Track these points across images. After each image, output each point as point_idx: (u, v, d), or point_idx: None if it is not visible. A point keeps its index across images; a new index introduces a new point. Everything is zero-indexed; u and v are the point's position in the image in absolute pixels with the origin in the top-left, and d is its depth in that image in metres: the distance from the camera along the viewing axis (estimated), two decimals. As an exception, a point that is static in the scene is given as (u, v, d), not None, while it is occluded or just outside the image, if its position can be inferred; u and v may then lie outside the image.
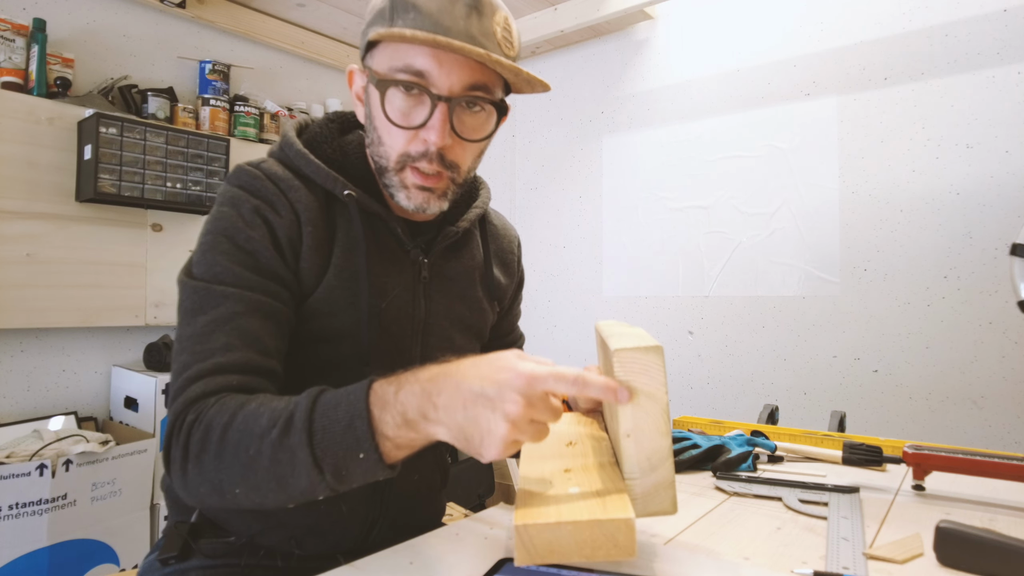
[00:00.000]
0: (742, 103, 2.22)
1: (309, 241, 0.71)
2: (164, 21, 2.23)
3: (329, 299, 0.72)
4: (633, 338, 0.55)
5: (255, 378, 0.64)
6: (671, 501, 0.52)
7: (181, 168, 1.99)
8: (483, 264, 0.89)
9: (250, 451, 0.56)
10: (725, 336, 2.23)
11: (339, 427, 0.54)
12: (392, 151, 0.71)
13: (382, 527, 0.80)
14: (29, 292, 1.79)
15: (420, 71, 0.67)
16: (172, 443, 0.61)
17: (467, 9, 0.67)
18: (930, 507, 0.79)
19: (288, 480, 0.56)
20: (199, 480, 0.59)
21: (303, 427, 0.55)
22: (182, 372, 0.63)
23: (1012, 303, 1.66)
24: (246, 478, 0.57)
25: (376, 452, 0.54)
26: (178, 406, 0.62)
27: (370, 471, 0.55)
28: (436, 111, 0.68)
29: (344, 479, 0.55)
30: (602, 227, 2.59)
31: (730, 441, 1.03)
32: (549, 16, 2.45)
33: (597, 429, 0.71)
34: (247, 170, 0.72)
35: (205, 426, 0.59)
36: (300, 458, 0.55)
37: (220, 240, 0.68)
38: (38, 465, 1.57)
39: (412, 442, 0.55)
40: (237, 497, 0.58)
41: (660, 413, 0.51)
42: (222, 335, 0.64)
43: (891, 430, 1.87)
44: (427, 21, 0.66)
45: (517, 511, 0.47)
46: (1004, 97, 1.75)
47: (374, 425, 0.54)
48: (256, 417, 0.57)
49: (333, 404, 0.56)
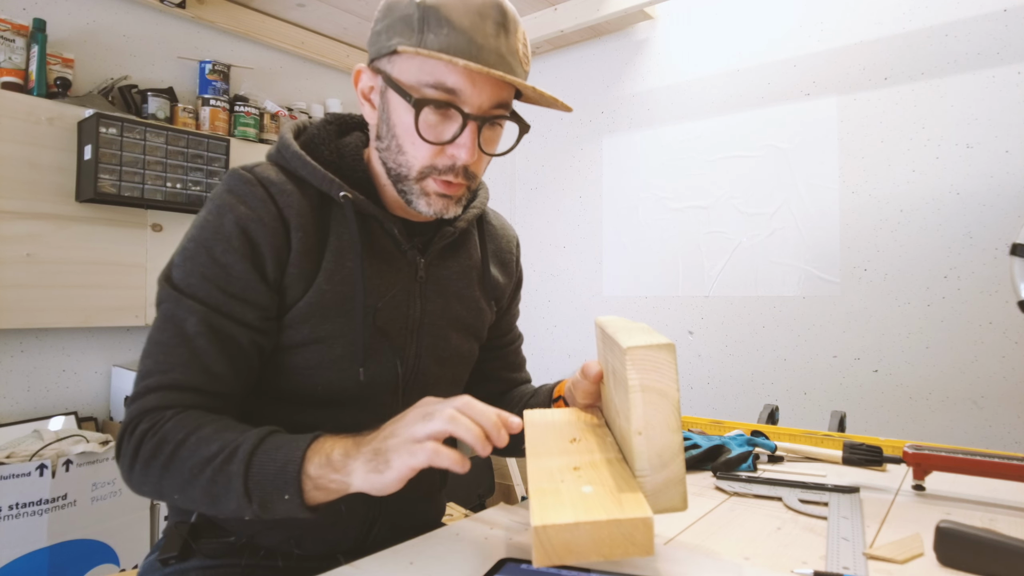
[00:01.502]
0: (742, 103, 2.22)
1: (298, 247, 0.71)
2: (164, 21, 2.23)
3: (320, 302, 0.72)
4: (643, 335, 0.55)
5: (210, 399, 0.69)
6: (681, 497, 0.52)
7: (181, 168, 1.99)
8: (481, 264, 0.89)
9: (194, 470, 0.62)
10: (725, 336, 2.23)
11: (273, 467, 0.60)
12: (416, 162, 0.71)
13: (382, 527, 0.80)
14: (29, 292, 1.79)
15: (452, 89, 0.67)
16: (124, 441, 0.67)
17: (496, 27, 0.68)
18: (930, 507, 0.79)
19: (220, 500, 0.62)
20: (143, 480, 0.66)
21: (243, 460, 0.61)
22: (145, 377, 0.68)
23: (1012, 303, 1.66)
24: (185, 490, 0.64)
25: (299, 496, 0.60)
26: (134, 410, 0.67)
27: (292, 510, 0.61)
28: (467, 130, 0.69)
29: (268, 511, 0.62)
30: (602, 227, 2.59)
31: (730, 441, 1.03)
32: (549, 16, 2.45)
33: (597, 424, 0.71)
34: (240, 174, 0.72)
35: (160, 438, 0.64)
36: (234, 486, 0.61)
37: (199, 250, 0.70)
38: (38, 465, 1.57)
39: (330, 483, 0.60)
40: (175, 501, 0.66)
41: (671, 410, 0.51)
42: (184, 351, 0.68)
43: (891, 430, 1.87)
44: (461, 39, 0.66)
45: (533, 512, 0.47)
46: (1004, 97, 1.75)
47: (304, 468, 0.60)
48: (208, 442, 0.63)
49: (275, 446, 0.62)
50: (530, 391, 0.96)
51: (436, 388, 0.85)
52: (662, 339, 0.53)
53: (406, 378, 0.80)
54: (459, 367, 0.88)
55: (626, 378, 0.51)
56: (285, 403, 0.76)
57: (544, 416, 0.74)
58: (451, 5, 0.66)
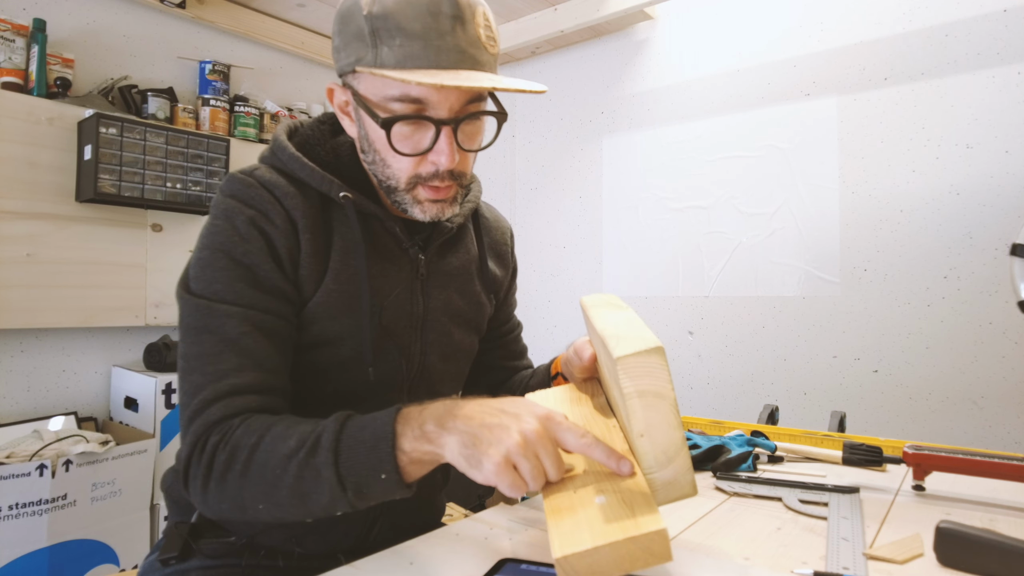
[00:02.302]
0: (742, 103, 2.21)
1: (307, 248, 0.71)
2: (164, 21, 2.23)
3: (328, 303, 0.72)
4: (633, 339, 0.55)
5: (270, 397, 0.66)
6: (691, 484, 0.53)
7: (181, 168, 1.99)
8: (478, 258, 0.89)
9: (276, 470, 0.59)
10: (725, 336, 2.23)
11: (364, 448, 0.57)
12: (401, 174, 0.71)
13: (382, 527, 0.81)
14: (29, 292, 1.79)
15: (418, 99, 0.66)
16: (192, 463, 0.63)
17: (451, 21, 0.64)
18: (930, 507, 0.79)
19: (311, 497, 0.59)
20: (220, 497, 0.62)
21: (330, 447, 0.58)
22: (197, 393, 0.64)
23: (1012, 303, 1.66)
24: (269, 495, 0.60)
25: (396, 472, 0.56)
26: (198, 427, 0.63)
27: (389, 490, 0.57)
28: (441, 136, 0.68)
29: (365, 497, 0.58)
30: (602, 227, 2.58)
31: (730, 441, 1.03)
32: (549, 16, 2.45)
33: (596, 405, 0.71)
34: (240, 179, 0.71)
35: (232, 447, 0.61)
36: (325, 476, 0.57)
37: (217, 255, 0.68)
38: (38, 465, 1.57)
39: (425, 455, 0.56)
40: (259, 512, 0.61)
41: (669, 409, 0.52)
42: (232, 355, 0.65)
43: (891, 430, 1.87)
44: (416, 46, 0.63)
45: (552, 539, 0.48)
46: (1004, 97, 1.75)
47: (397, 442, 0.56)
48: (284, 439, 0.60)
49: (360, 426, 0.59)
50: (529, 373, 0.97)
51: (441, 384, 0.85)
52: (651, 342, 0.53)
53: (411, 375, 0.80)
54: (462, 362, 0.89)
55: (621, 386, 0.52)
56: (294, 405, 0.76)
57: (545, 401, 0.74)
58: (399, 11, 0.63)
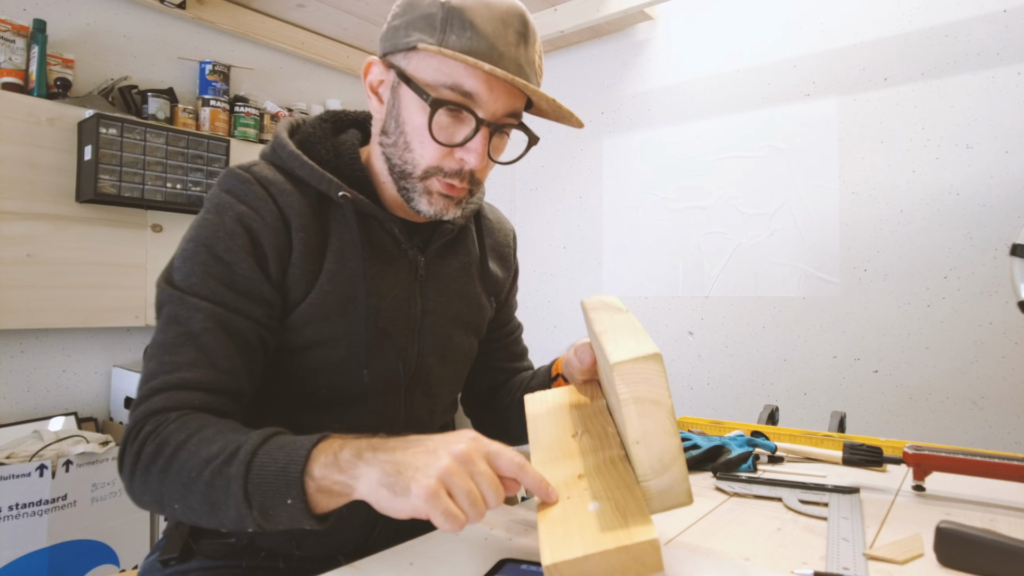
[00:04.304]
0: (742, 103, 2.22)
1: (300, 247, 0.71)
2: (164, 22, 2.23)
3: (323, 304, 0.72)
4: (630, 345, 0.55)
5: (217, 397, 0.65)
6: (686, 493, 0.53)
7: (181, 169, 1.99)
8: (479, 259, 0.88)
9: (192, 473, 0.58)
10: (725, 337, 2.23)
11: (275, 467, 0.56)
12: (422, 160, 0.71)
13: (383, 528, 0.80)
14: (29, 292, 1.79)
15: (469, 92, 0.67)
16: (127, 448, 0.63)
17: (517, 37, 0.68)
18: (930, 508, 0.79)
19: (220, 508, 0.57)
20: (143, 489, 0.61)
21: (244, 461, 0.56)
22: (148, 381, 0.65)
23: (1012, 303, 1.66)
24: (184, 497, 0.59)
25: (302, 500, 0.54)
26: (139, 414, 0.63)
27: (296, 518, 0.55)
28: (479, 135, 0.68)
29: (271, 519, 0.56)
30: (602, 227, 2.58)
31: (730, 442, 1.03)
32: (549, 16, 2.45)
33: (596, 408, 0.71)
34: (237, 174, 0.71)
35: (161, 440, 0.60)
36: (233, 490, 0.56)
37: (200, 249, 0.68)
38: (38, 466, 1.57)
39: (335, 485, 0.54)
40: (176, 512, 0.60)
41: (666, 416, 0.51)
42: (190, 349, 0.65)
43: (891, 430, 1.87)
44: (483, 44, 0.65)
45: (543, 547, 0.48)
46: (1004, 97, 1.75)
47: (307, 467, 0.55)
48: (209, 443, 0.59)
49: (279, 446, 0.57)
50: (529, 375, 0.97)
51: (439, 386, 0.85)
52: (649, 348, 0.53)
53: (408, 377, 0.80)
54: (460, 365, 0.88)
55: (617, 392, 0.52)
56: (287, 406, 0.76)
57: (544, 403, 0.74)
58: (476, 9, 0.66)
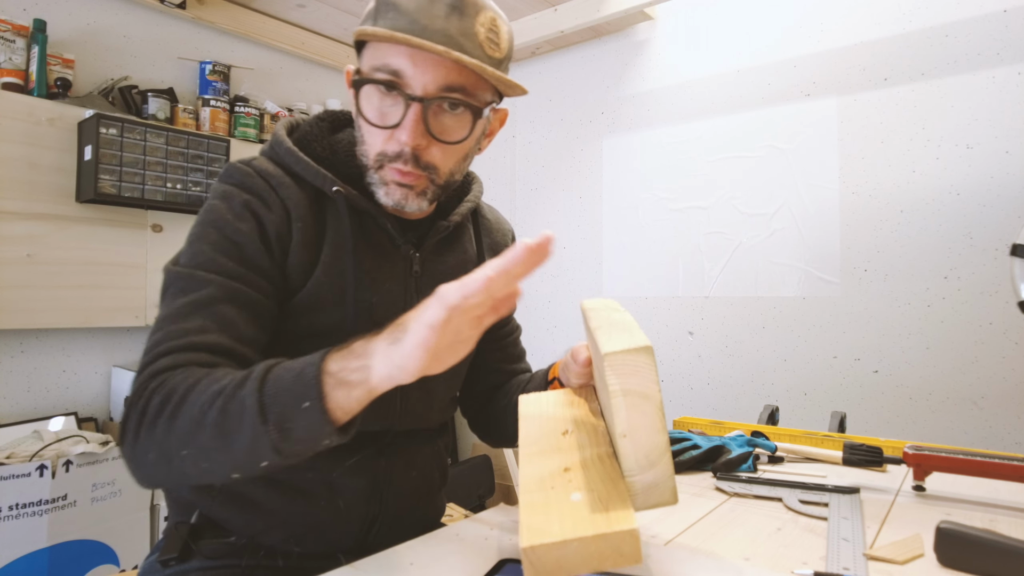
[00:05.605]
0: (742, 103, 2.21)
1: (299, 237, 0.72)
2: (164, 22, 2.23)
3: (317, 295, 0.73)
4: (622, 337, 0.55)
5: (225, 360, 0.64)
6: (671, 492, 0.53)
7: (181, 169, 1.99)
8: (476, 258, 0.89)
9: (204, 407, 0.56)
10: (725, 337, 2.23)
11: (289, 376, 0.54)
12: (371, 149, 0.72)
13: (382, 526, 0.80)
14: (29, 292, 1.79)
15: (396, 70, 0.68)
16: (131, 411, 0.60)
17: (447, 9, 0.67)
18: (930, 508, 0.79)
19: (232, 436, 0.54)
20: (148, 446, 0.58)
21: (259, 376, 0.55)
22: (153, 348, 0.63)
23: (1012, 303, 1.66)
24: (194, 437, 0.56)
25: (320, 400, 0.52)
26: (144, 377, 0.61)
27: (314, 427, 0.53)
28: (409, 111, 0.68)
29: (287, 436, 0.54)
30: (602, 227, 2.58)
31: (730, 442, 1.03)
32: (549, 16, 2.45)
33: (590, 410, 0.71)
34: (239, 167, 0.73)
35: (167, 391, 0.58)
36: (248, 406, 0.54)
37: (208, 231, 0.69)
38: (38, 466, 1.57)
39: (352, 373, 0.53)
40: (183, 461, 0.57)
41: (654, 411, 0.51)
42: (198, 318, 0.64)
43: (891, 431, 1.87)
44: (404, 20, 0.66)
45: (522, 530, 0.48)
46: (1004, 97, 1.75)
47: (323, 365, 0.53)
48: (220, 379, 0.57)
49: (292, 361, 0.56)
50: (526, 378, 0.96)
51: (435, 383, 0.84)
52: (641, 341, 0.52)
53: None
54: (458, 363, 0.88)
55: (607, 383, 0.51)
56: None
57: (538, 404, 0.74)
58: None
